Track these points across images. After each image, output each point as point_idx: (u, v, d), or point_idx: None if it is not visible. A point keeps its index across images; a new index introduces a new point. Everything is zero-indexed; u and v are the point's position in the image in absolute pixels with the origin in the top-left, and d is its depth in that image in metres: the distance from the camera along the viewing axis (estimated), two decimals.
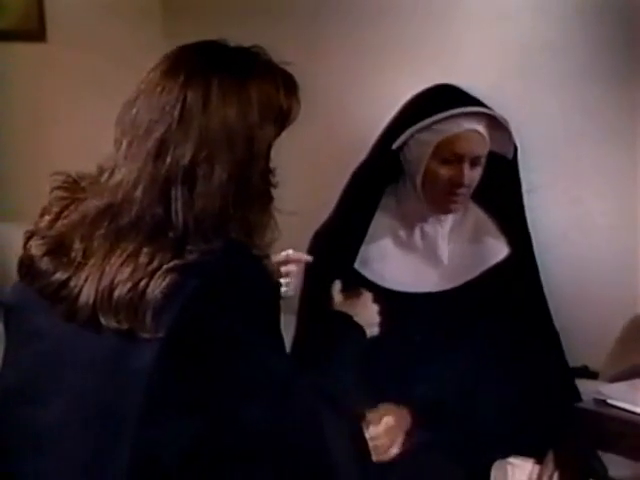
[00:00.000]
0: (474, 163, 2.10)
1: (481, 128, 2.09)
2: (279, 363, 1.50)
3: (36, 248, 1.53)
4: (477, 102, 2.10)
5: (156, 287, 1.42)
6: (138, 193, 1.47)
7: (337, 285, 1.93)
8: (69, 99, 2.97)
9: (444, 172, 2.09)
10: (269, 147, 1.52)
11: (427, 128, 2.08)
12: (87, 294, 1.47)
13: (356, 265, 2.15)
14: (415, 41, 2.64)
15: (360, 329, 1.82)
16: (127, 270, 1.44)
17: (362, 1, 2.73)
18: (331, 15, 2.76)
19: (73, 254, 1.50)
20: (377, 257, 2.16)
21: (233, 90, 1.48)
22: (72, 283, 1.49)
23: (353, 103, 2.72)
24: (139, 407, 1.45)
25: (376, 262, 2.16)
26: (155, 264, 1.44)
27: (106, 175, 1.52)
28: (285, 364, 1.52)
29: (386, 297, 1.99)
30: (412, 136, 2.10)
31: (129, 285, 1.44)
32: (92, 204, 1.51)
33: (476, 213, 2.23)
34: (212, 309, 1.42)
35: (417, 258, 2.18)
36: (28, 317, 1.54)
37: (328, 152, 2.74)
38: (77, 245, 1.50)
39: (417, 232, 2.19)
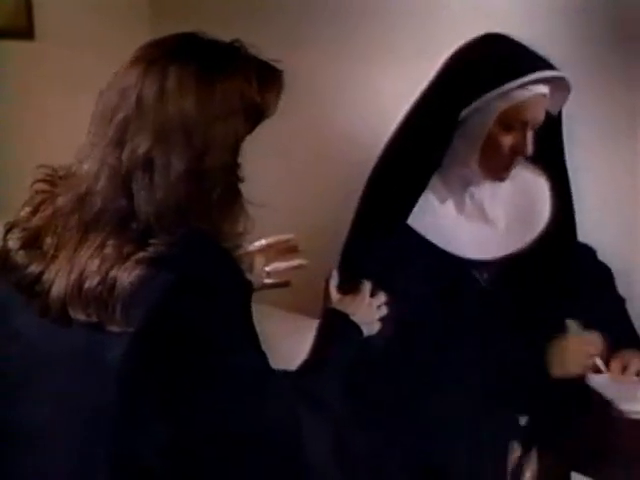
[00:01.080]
0: (533, 128, 1.99)
1: (547, 91, 1.98)
2: (253, 360, 1.49)
3: (13, 241, 1.54)
4: (544, 61, 1.97)
5: (125, 280, 1.42)
6: (101, 184, 1.47)
7: (334, 279, 1.88)
8: (57, 97, 2.97)
9: (507, 140, 1.98)
10: (236, 140, 1.50)
11: (498, 94, 1.94)
12: (58, 288, 1.47)
13: (409, 221, 2.04)
14: (400, 41, 2.64)
15: (357, 328, 1.81)
16: (95, 263, 1.44)
17: (348, 2, 2.74)
18: (317, 16, 2.77)
19: (46, 247, 1.51)
20: (430, 218, 2.05)
21: (192, 81, 1.46)
22: (45, 277, 1.49)
23: (338, 101, 2.73)
24: (114, 405, 1.44)
25: (430, 223, 2.05)
26: (122, 256, 1.43)
27: (75, 167, 1.53)
28: (260, 361, 1.50)
29: (438, 258, 1.98)
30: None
31: (98, 278, 1.44)
32: (63, 196, 1.52)
33: (523, 174, 2.12)
34: (184, 305, 1.42)
35: (470, 222, 2.08)
36: (6, 314, 1.54)
37: (313, 149, 2.75)
38: (50, 238, 1.51)
39: (467, 197, 2.08)
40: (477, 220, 2.09)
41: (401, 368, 1.93)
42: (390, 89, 2.62)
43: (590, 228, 2.31)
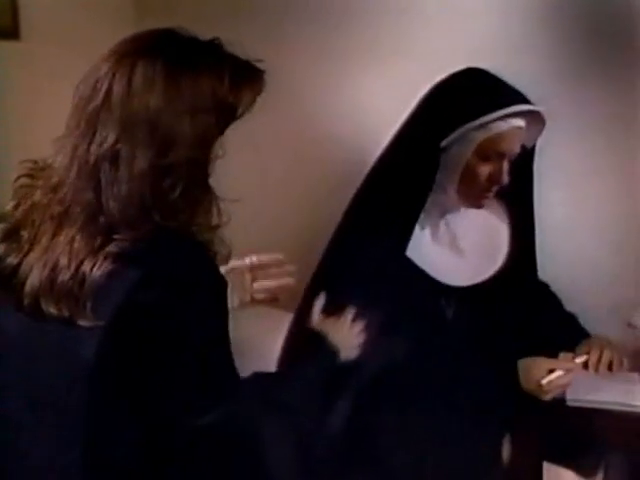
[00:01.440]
0: (510, 159, 2.06)
1: (524, 124, 2.05)
2: (221, 357, 1.49)
3: None
4: (521, 95, 2.03)
5: (94, 275, 1.43)
6: (71, 176, 1.48)
7: (320, 301, 1.92)
8: (43, 96, 2.96)
9: (484, 169, 2.05)
10: (205, 137, 1.49)
11: (477, 125, 2.01)
12: (32, 282, 1.48)
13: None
14: (377, 40, 2.66)
15: (335, 351, 1.81)
16: (66, 257, 1.45)
17: (327, 3, 2.74)
18: (298, 15, 2.77)
19: (23, 240, 1.52)
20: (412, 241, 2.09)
21: (159, 77, 1.46)
22: (20, 270, 1.50)
23: (319, 99, 2.72)
24: (86, 399, 1.45)
25: (411, 245, 2.09)
26: (91, 251, 1.45)
27: (52, 159, 1.53)
28: (227, 358, 1.50)
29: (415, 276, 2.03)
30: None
31: (69, 273, 1.44)
32: (41, 189, 1.53)
33: (492, 207, 2.20)
34: (151, 301, 1.41)
35: (443, 249, 2.14)
36: None
37: (293, 147, 2.74)
38: (27, 231, 1.52)
39: (442, 225, 2.15)
40: (448, 248, 2.14)
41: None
42: (369, 87, 2.64)
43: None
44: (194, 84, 1.48)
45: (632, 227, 2.47)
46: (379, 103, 2.62)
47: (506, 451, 1.95)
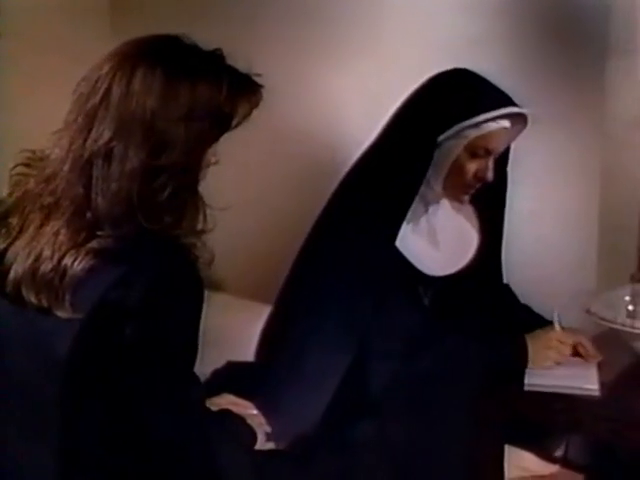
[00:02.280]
0: (495, 156, 2.11)
1: (509, 126, 2.10)
2: (189, 361, 1.49)
3: None
4: (509, 97, 2.09)
5: (75, 268, 1.44)
6: (65, 169, 1.48)
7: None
8: (22, 92, 2.97)
9: (471, 166, 2.09)
10: (198, 144, 1.50)
11: (472, 123, 2.05)
12: (15, 270, 1.49)
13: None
14: (345, 38, 2.69)
15: (252, 433, 1.80)
16: (50, 249, 1.47)
17: (299, 3, 2.77)
18: (270, 15, 2.80)
19: (12, 227, 1.53)
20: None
21: (159, 81, 1.47)
22: (6, 257, 1.51)
23: (291, 96, 2.71)
24: (59, 391, 1.46)
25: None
26: (74, 245, 1.45)
27: (49, 150, 1.54)
28: (191, 367, 1.51)
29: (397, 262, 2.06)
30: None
31: (51, 265, 1.46)
32: (34, 179, 1.54)
33: (466, 207, 2.24)
34: (131, 300, 1.42)
35: (422, 241, 2.17)
36: None
37: (268, 143, 2.72)
38: (16, 220, 1.53)
39: (424, 218, 2.18)
40: (426, 240, 2.18)
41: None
42: (340, 84, 2.67)
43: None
44: (192, 91, 1.49)
45: (593, 219, 2.52)
46: (350, 99, 2.65)
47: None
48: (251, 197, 2.62)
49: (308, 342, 2.04)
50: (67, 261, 1.45)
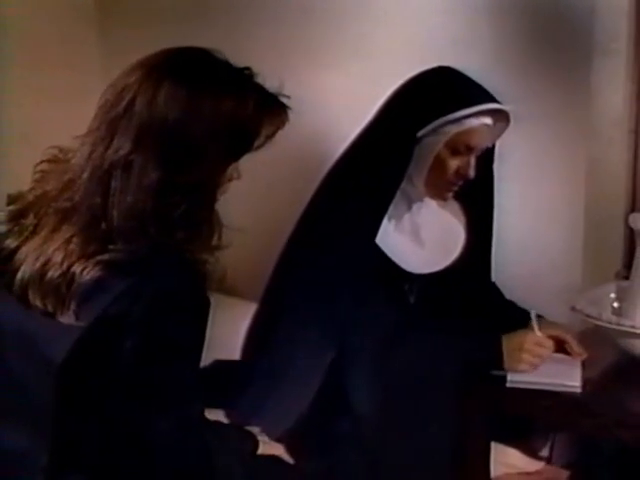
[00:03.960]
0: (477, 153, 2.09)
1: (491, 123, 2.08)
2: (189, 379, 1.49)
3: (5, 213, 1.55)
4: (490, 94, 2.07)
5: (83, 278, 1.43)
6: (84, 177, 1.47)
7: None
8: (8, 95, 2.94)
9: (453, 163, 2.07)
10: (218, 162, 1.49)
11: (452, 119, 2.03)
12: (23, 271, 1.48)
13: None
14: (337, 39, 2.66)
15: (253, 440, 1.80)
16: (60, 255, 1.45)
17: (291, 4, 2.75)
18: (260, 16, 2.78)
19: (26, 227, 1.52)
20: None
21: (184, 95, 1.45)
22: (16, 256, 1.50)
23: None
24: (53, 393, 1.45)
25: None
26: (85, 254, 1.44)
27: (72, 154, 1.52)
28: (194, 380, 1.50)
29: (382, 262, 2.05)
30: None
31: (60, 271, 1.44)
32: (54, 180, 1.52)
33: (452, 204, 2.22)
34: (135, 314, 1.41)
35: (405, 239, 2.16)
36: None
37: None
38: (31, 219, 1.52)
39: (407, 216, 2.16)
40: (410, 238, 2.16)
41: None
42: (325, 83, 2.66)
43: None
44: (216, 107, 1.47)
45: (578, 216, 2.49)
46: (337, 99, 2.63)
47: None
48: (239, 194, 2.58)
49: (292, 339, 2.04)
50: (76, 269, 1.43)
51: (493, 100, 2.07)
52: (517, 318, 2.15)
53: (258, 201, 2.66)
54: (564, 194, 2.51)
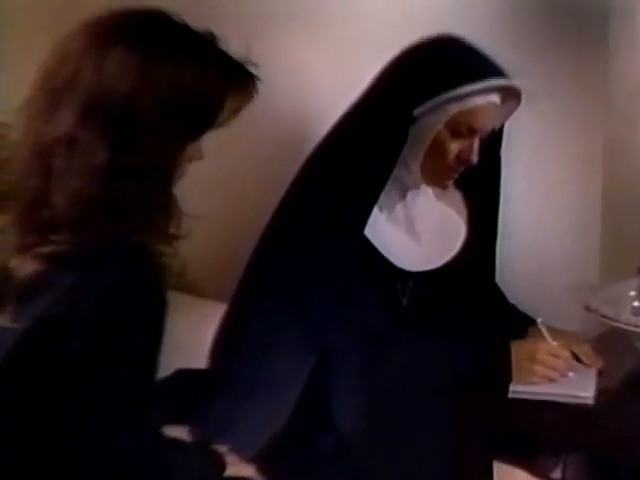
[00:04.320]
0: (481, 136, 2.07)
1: (499, 101, 2.06)
2: (140, 382, 1.48)
3: None
4: (499, 68, 2.05)
5: (21, 273, 1.42)
6: (22, 154, 1.45)
7: None
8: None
9: (454, 146, 2.06)
10: (177, 140, 1.47)
11: (454, 96, 2.01)
12: None
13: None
14: (317, 10, 2.65)
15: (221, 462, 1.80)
16: None
17: None
18: None
19: None
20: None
21: (135, 65, 1.43)
22: None
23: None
24: None
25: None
26: (24, 245, 1.43)
27: (10, 129, 1.50)
28: (147, 383, 1.50)
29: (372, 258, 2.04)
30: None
31: None
32: None
33: (453, 193, 2.22)
34: (83, 313, 1.40)
35: (399, 231, 2.15)
36: None
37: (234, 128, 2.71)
38: None
39: (401, 205, 2.16)
40: (404, 231, 2.16)
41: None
42: (308, 57, 2.64)
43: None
44: (173, 76, 1.45)
45: (596, 201, 2.49)
46: (321, 76, 2.62)
47: None
48: (209, 182, 2.51)
49: (266, 345, 2.03)
50: (13, 264, 1.42)
51: (501, 75, 2.05)
52: (519, 324, 2.16)
53: (224, 186, 2.64)
54: (578, 178, 2.50)
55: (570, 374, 1.99)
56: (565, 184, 2.52)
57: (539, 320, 2.08)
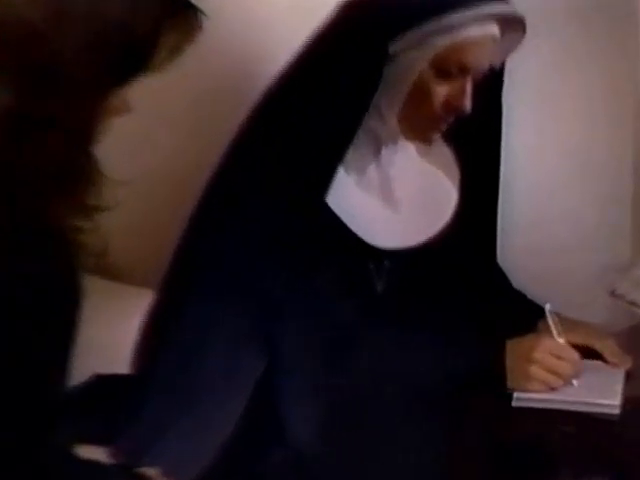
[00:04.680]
0: (475, 78, 2.04)
1: (498, 34, 2.03)
2: (39, 401, 1.47)
3: None
4: None
5: None
6: None
7: None
8: None
9: (441, 89, 2.01)
10: (97, 85, 1.44)
11: (440, 27, 1.98)
12: None
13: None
14: None
15: None
16: None
17: None
18: None
19: None
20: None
21: None
22: None
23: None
24: None
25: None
26: None
27: None
28: (49, 406, 1.49)
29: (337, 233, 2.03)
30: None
31: None
32: None
33: (439, 144, 2.18)
34: None
35: (372, 199, 2.12)
36: None
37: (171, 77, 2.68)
38: None
39: (373, 165, 2.11)
40: (379, 198, 2.11)
41: None
42: None
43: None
44: (93, 5, 1.42)
45: (626, 166, 2.45)
46: (279, 16, 2.54)
47: None
48: (138, 141, 2.53)
49: (204, 342, 2.01)
50: None
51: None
52: (526, 317, 2.13)
53: (156, 144, 2.59)
54: (602, 132, 2.45)
55: (574, 382, 1.97)
56: (585, 139, 2.47)
57: (547, 307, 2.04)
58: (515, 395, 1.92)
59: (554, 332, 2.01)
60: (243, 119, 2.09)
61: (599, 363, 2.03)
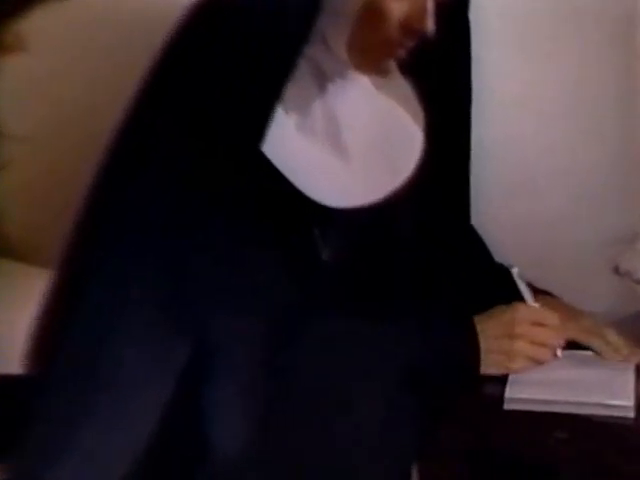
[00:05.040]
0: None
1: None
2: None
3: None
4: None
5: None
6: None
7: None
8: None
9: (397, 7, 1.97)
10: None
11: None
12: None
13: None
14: None
15: None
16: None
17: None
18: None
19: None
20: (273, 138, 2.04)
21: None
22: None
23: None
24: None
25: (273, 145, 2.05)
26: None
27: None
28: None
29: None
30: None
31: None
32: None
33: (396, 78, 2.16)
34: None
35: (316, 146, 2.09)
36: None
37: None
38: None
39: (318, 105, 2.08)
40: (326, 145, 2.08)
41: None
42: None
43: None
44: None
45: (636, 111, 2.41)
46: None
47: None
48: (36, 87, 2.38)
49: (114, 331, 1.95)
50: None
51: None
52: (506, 292, 2.11)
53: (57, 91, 2.50)
54: (606, 76, 2.40)
55: (559, 353, 2.00)
56: (585, 83, 2.41)
57: (514, 270, 2.07)
58: (507, 396, 1.90)
59: (527, 297, 2.03)
60: (155, 54, 2.02)
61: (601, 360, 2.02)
